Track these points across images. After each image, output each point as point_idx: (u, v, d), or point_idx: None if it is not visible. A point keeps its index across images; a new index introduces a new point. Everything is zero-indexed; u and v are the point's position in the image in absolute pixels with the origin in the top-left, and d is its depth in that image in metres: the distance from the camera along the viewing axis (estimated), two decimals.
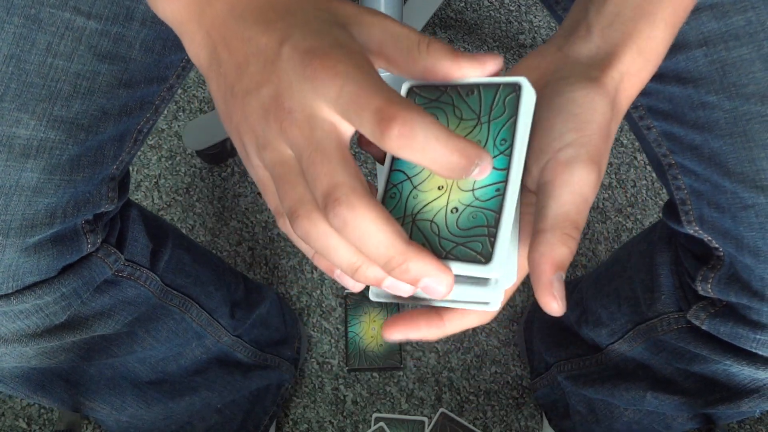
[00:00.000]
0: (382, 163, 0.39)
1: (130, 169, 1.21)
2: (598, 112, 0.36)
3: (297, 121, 0.32)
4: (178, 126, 1.25)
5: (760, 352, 0.56)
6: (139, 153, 1.23)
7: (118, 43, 0.50)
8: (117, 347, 0.66)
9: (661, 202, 1.21)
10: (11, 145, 0.47)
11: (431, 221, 0.35)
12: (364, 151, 0.40)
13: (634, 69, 0.38)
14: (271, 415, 0.97)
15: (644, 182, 1.23)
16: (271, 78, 0.33)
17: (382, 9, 1.10)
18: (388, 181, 0.37)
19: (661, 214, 0.67)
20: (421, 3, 1.33)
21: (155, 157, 1.23)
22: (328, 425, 1.06)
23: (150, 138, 1.24)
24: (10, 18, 0.47)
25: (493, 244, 0.33)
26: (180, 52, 0.56)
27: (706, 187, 0.52)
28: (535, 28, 1.35)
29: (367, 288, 1.13)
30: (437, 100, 0.37)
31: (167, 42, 0.54)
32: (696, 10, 0.49)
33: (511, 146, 0.34)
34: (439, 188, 0.35)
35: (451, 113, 0.36)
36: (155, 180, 1.21)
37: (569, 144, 0.35)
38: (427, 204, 0.35)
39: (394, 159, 0.38)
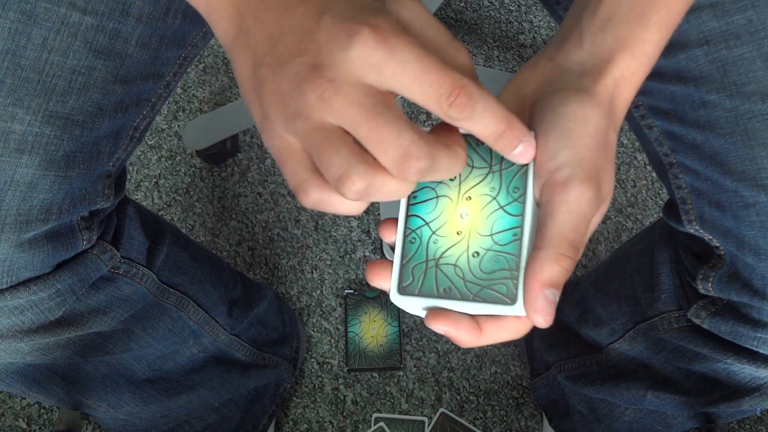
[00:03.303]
0: None
1: (130, 168, 1.21)
2: (591, 125, 0.36)
3: (341, 91, 0.32)
4: (178, 126, 1.25)
5: (761, 351, 0.55)
6: (138, 153, 1.23)
7: (113, 38, 0.50)
8: (113, 344, 0.65)
9: (661, 202, 1.21)
10: (6, 140, 0.47)
11: (455, 265, 0.37)
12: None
13: (629, 73, 0.39)
14: (269, 415, 0.97)
15: (644, 182, 1.23)
16: (309, 48, 0.33)
17: None
18: (406, 227, 0.39)
19: (661, 214, 0.66)
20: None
21: (155, 157, 1.23)
22: (328, 425, 1.06)
23: (150, 138, 1.24)
24: (6, 13, 0.47)
25: (516, 287, 0.36)
26: (177, 49, 0.56)
27: (707, 185, 0.52)
28: (535, 28, 1.35)
29: (367, 287, 1.13)
30: None
31: (164, 38, 0.53)
32: (697, 9, 0.49)
33: (524, 194, 0.37)
34: (458, 233, 0.38)
35: None
36: (155, 180, 1.21)
37: (564, 164, 0.36)
38: (448, 249, 0.37)
39: (409, 204, 0.39)
